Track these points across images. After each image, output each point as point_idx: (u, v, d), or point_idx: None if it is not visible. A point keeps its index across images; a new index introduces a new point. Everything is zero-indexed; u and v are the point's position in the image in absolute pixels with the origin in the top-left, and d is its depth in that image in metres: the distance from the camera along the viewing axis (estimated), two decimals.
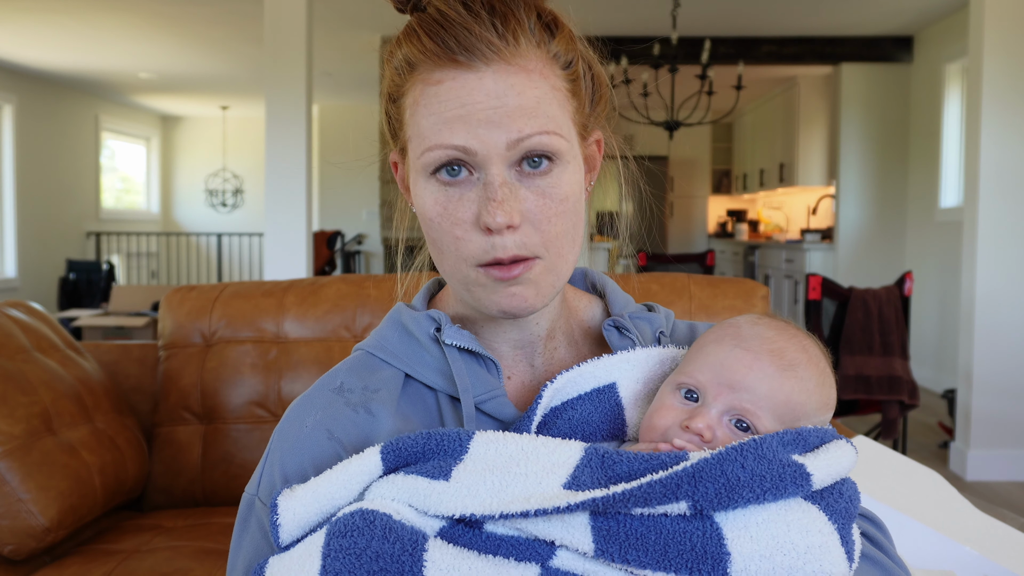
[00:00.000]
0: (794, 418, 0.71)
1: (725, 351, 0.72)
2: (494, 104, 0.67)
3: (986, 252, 3.84)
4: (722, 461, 0.61)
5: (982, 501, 1.57)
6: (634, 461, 0.64)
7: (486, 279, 0.71)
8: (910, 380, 3.56)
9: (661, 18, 5.71)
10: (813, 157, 7.60)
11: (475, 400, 0.75)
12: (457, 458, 0.66)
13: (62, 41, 6.72)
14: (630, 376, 0.76)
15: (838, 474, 0.65)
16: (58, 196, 8.65)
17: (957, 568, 1.17)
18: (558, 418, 0.73)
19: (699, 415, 0.69)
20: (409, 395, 0.77)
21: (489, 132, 0.67)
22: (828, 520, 0.62)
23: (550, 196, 0.70)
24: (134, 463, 1.75)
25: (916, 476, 1.49)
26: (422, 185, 0.71)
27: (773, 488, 0.60)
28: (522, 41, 0.69)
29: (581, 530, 0.61)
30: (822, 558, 0.60)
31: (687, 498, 0.60)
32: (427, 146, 0.69)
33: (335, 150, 9.68)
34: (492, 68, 0.68)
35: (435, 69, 0.69)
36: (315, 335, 1.91)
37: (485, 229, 0.68)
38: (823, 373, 0.73)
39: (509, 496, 0.63)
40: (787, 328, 0.75)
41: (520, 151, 0.68)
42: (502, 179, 0.68)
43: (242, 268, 10.56)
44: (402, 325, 0.80)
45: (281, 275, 4.15)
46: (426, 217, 0.72)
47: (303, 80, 4.15)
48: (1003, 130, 3.80)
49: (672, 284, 1.85)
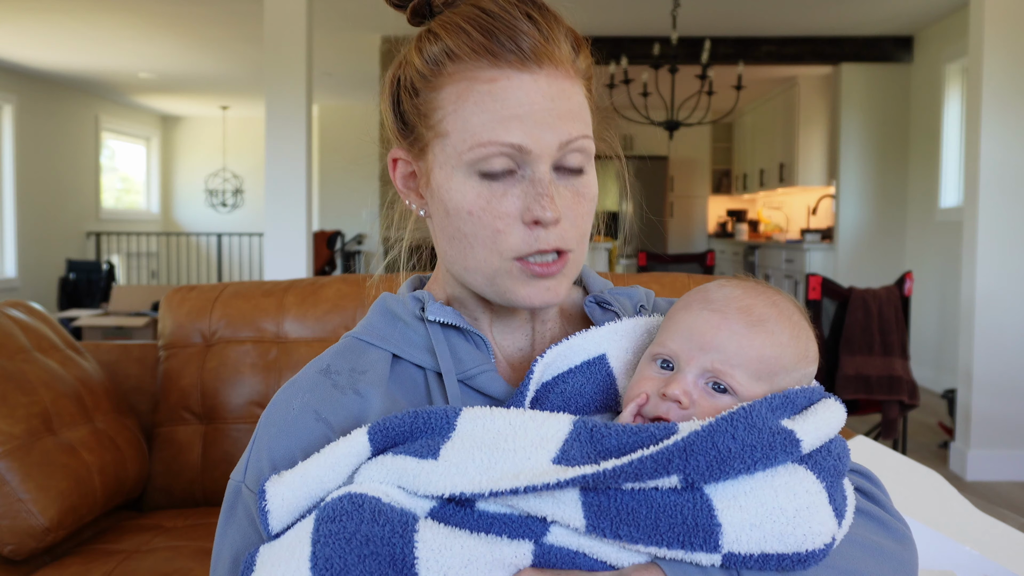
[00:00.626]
0: (770, 373, 0.71)
1: (693, 315, 0.73)
2: (548, 106, 0.70)
3: (986, 252, 3.84)
4: (713, 433, 0.61)
5: (982, 501, 1.57)
6: (623, 434, 0.64)
7: (521, 272, 0.73)
8: (910, 380, 3.56)
9: (661, 18, 5.71)
10: (813, 157, 7.60)
11: (463, 376, 0.76)
12: (445, 436, 0.66)
13: (62, 41, 6.72)
14: (619, 346, 0.77)
15: (827, 435, 0.66)
16: (58, 196, 8.65)
17: (957, 568, 1.17)
18: (550, 392, 0.74)
19: (674, 382, 0.70)
20: (397, 375, 0.78)
21: (543, 133, 0.70)
22: (816, 479, 0.62)
23: (583, 195, 0.74)
24: (134, 463, 1.75)
25: (916, 476, 1.49)
26: (460, 179, 0.72)
27: (764, 458, 0.61)
28: (564, 49, 0.73)
29: (572, 506, 0.61)
30: (811, 519, 0.60)
31: (678, 472, 0.60)
32: (479, 142, 0.70)
33: (335, 150, 9.69)
34: (544, 70, 0.71)
35: (487, 67, 0.71)
36: (315, 335, 1.91)
37: (532, 223, 0.71)
38: (796, 326, 0.73)
39: (498, 473, 0.63)
40: (756, 286, 0.75)
41: (566, 152, 0.72)
42: (549, 177, 0.71)
43: (242, 268, 10.56)
44: (388, 309, 0.81)
45: (281, 275, 4.15)
46: (463, 211, 0.72)
47: (303, 80, 4.15)
48: (1003, 130, 3.80)
49: (672, 284, 1.85)
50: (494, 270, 0.73)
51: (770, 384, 0.71)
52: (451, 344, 0.77)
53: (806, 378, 0.74)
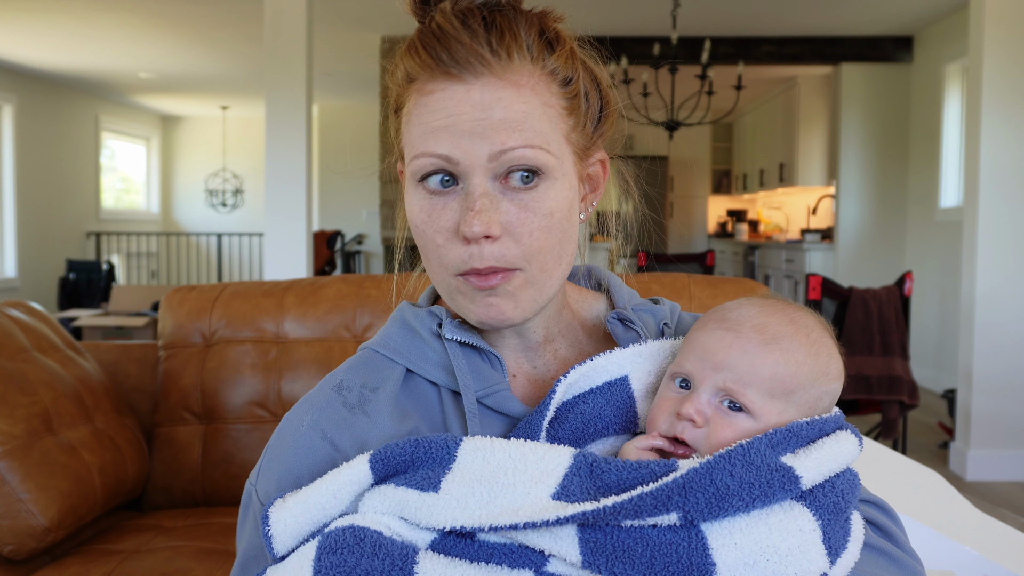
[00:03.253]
0: (785, 391, 0.70)
1: (708, 334, 0.72)
2: (479, 116, 0.68)
3: (986, 252, 3.84)
4: (711, 470, 0.61)
5: (982, 501, 1.57)
6: (623, 470, 0.64)
7: (466, 287, 0.72)
8: (910, 380, 3.56)
9: (661, 18, 5.71)
10: (813, 157, 7.60)
11: (478, 394, 0.75)
12: (445, 467, 0.66)
13: (62, 41, 6.72)
14: (642, 368, 0.76)
15: (832, 470, 0.65)
16: (58, 196, 8.65)
17: (957, 568, 1.17)
18: (570, 412, 0.73)
19: (688, 401, 0.70)
20: (411, 391, 0.78)
21: (472, 143, 0.68)
22: (812, 516, 0.62)
23: (532, 210, 0.70)
24: (134, 463, 1.75)
25: (916, 476, 1.49)
26: (411, 192, 0.73)
27: (762, 495, 0.60)
28: (515, 56, 0.70)
29: (568, 542, 0.61)
30: (802, 558, 0.60)
31: (678, 509, 0.60)
32: (415, 154, 0.71)
33: (335, 150, 9.69)
34: (481, 81, 0.69)
35: (428, 81, 0.70)
36: (315, 335, 1.91)
37: (463, 238, 0.69)
38: (815, 343, 0.72)
39: (498, 508, 0.63)
40: (776, 304, 0.74)
41: (503, 164, 0.69)
42: (482, 190, 0.69)
43: (242, 268, 10.56)
44: (405, 322, 0.81)
45: (281, 275, 4.15)
46: (413, 223, 0.73)
47: (303, 80, 4.15)
48: (1003, 130, 3.80)
49: (672, 284, 1.85)
50: (448, 285, 0.73)
51: (787, 402, 0.70)
52: (466, 361, 0.77)
53: (828, 395, 0.73)
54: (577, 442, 0.73)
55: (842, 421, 0.71)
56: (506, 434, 0.75)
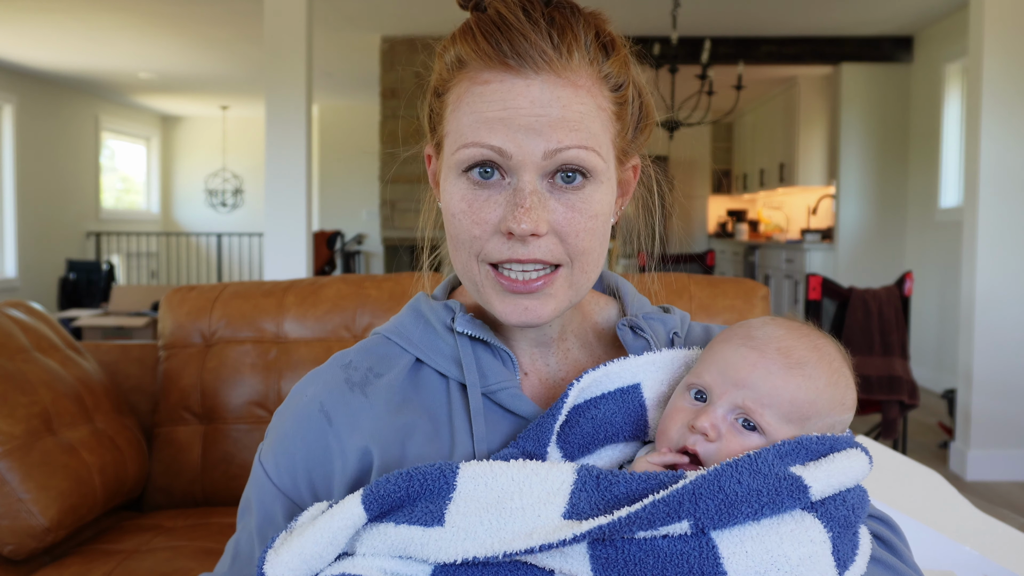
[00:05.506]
0: (802, 416, 0.70)
1: (732, 350, 0.72)
2: (537, 112, 0.68)
3: (986, 252, 3.84)
4: (719, 477, 0.61)
5: (982, 501, 1.57)
6: (632, 481, 0.64)
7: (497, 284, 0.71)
8: (910, 380, 3.56)
9: (661, 18, 5.70)
10: (813, 157, 7.60)
11: (486, 390, 0.75)
12: (446, 498, 0.65)
13: (62, 41, 6.71)
14: (655, 377, 0.76)
15: (842, 484, 0.64)
16: (58, 196, 8.65)
17: (957, 568, 1.17)
18: (581, 417, 0.73)
19: (704, 414, 0.69)
20: (417, 381, 0.78)
21: (528, 138, 0.68)
22: (823, 528, 0.62)
23: (580, 211, 0.70)
24: (134, 463, 1.75)
25: (916, 476, 1.49)
26: (452, 181, 0.72)
27: (770, 503, 0.60)
28: (575, 56, 0.70)
29: (579, 559, 0.60)
30: (812, 569, 0.60)
31: (689, 516, 0.59)
32: (464, 143, 0.70)
33: (335, 150, 9.69)
34: (541, 77, 0.69)
35: (484, 69, 0.70)
36: (315, 335, 1.90)
37: (507, 233, 0.69)
38: (836, 372, 0.72)
39: (509, 534, 0.62)
40: (800, 328, 0.74)
41: (556, 162, 0.69)
42: (533, 187, 0.69)
43: (242, 268, 10.56)
44: (420, 312, 0.81)
45: (281, 275, 4.15)
46: (450, 212, 0.72)
47: (303, 80, 4.15)
48: (1003, 130, 3.80)
49: (672, 284, 1.85)
50: (475, 276, 0.73)
51: (801, 428, 0.70)
52: (477, 357, 0.77)
53: (839, 425, 0.73)
54: (587, 447, 0.73)
55: (853, 442, 0.70)
56: (514, 432, 0.75)
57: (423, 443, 0.74)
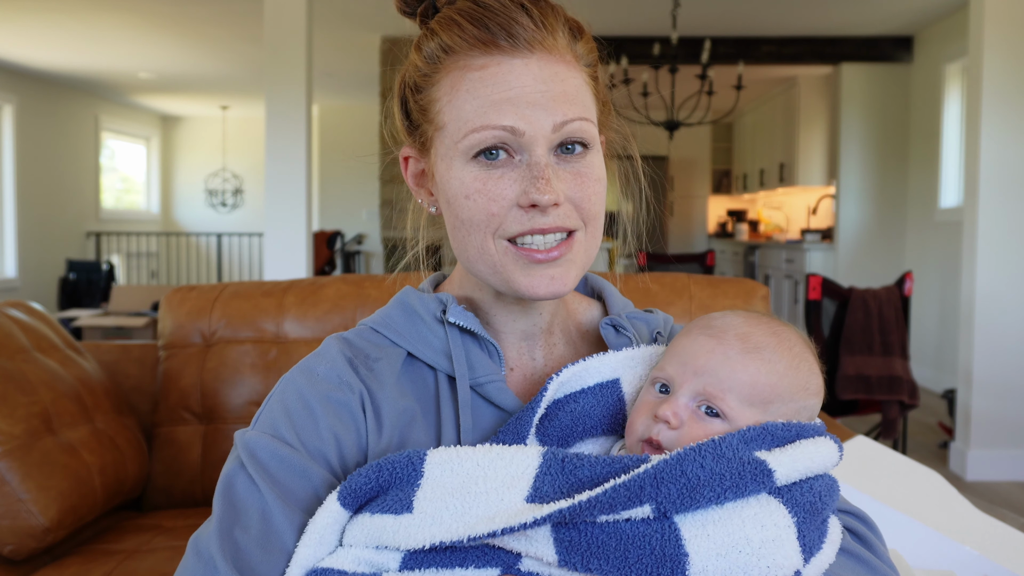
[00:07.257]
0: (763, 400, 0.70)
1: (691, 340, 0.73)
2: (541, 88, 0.71)
3: (986, 252, 3.84)
4: (681, 461, 0.61)
5: (982, 501, 1.57)
6: (596, 464, 0.64)
7: (518, 258, 0.72)
8: (910, 380, 3.56)
9: (661, 18, 5.71)
10: (813, 157, 7.60)
11: (474, 382, 0.76)
12: (414, 484, 0.66)
13: (62, 41, 6.71)
14: (634, 372, 0.77)
15: (808, 470, 0.65)
16: (58, 196, 8.65)
17: (957, 568, 1.17)
18: (560, 410, 0.74)
19: (666, 403, 0.70)
20: (409, 372, 0.78)
21: (536, 114, 0.70)
22: (788, 513, 0.62)
23: (587, 176, 0.73)
24: (134, 463, 1.75)
25: (916, 476, 1.49)
26: (459, 168, 0.73)
27: (733, 487, 0.61)
28: (559, 35, 0.73)
29: (544, 542, 0.61)
30: (776, 552, 0.60)
31: (650, 500, 0.60)
32: (472, 127, 0.71)
33: (335, 150, 9.69)
34: (536, 55, 0.71)
35: (478, 55, 0.71)
36: (315, 335, 1.91)
37: (529, 206, 0.71)
38: (797, 357, 0.73)
39: (473, 518, 0.63)
40: (760, 317, 0.75)
41: (562, 135, 0.72)
42: (546, 160, 0.71)
43: (242, 268, 10.56)
44: (408, 305, 0.81)
45: (281, 275, 4.15)
46: (462, 196, 0.73)
47: (303, 80, 4.15)
48: (1003, 130, 3.80)
49: (672, 284, 1.85)
50: (493, 256, 0.73)
51: (764, 412, 0.70)
52: (466, 349, 0.78)
53: (806, 410, 0.73)
54: (565, 440, 0.73)
55: (823, 431, 0.71)
56: (497, 425, 0.75)
57: (419, 431, 0.75)
